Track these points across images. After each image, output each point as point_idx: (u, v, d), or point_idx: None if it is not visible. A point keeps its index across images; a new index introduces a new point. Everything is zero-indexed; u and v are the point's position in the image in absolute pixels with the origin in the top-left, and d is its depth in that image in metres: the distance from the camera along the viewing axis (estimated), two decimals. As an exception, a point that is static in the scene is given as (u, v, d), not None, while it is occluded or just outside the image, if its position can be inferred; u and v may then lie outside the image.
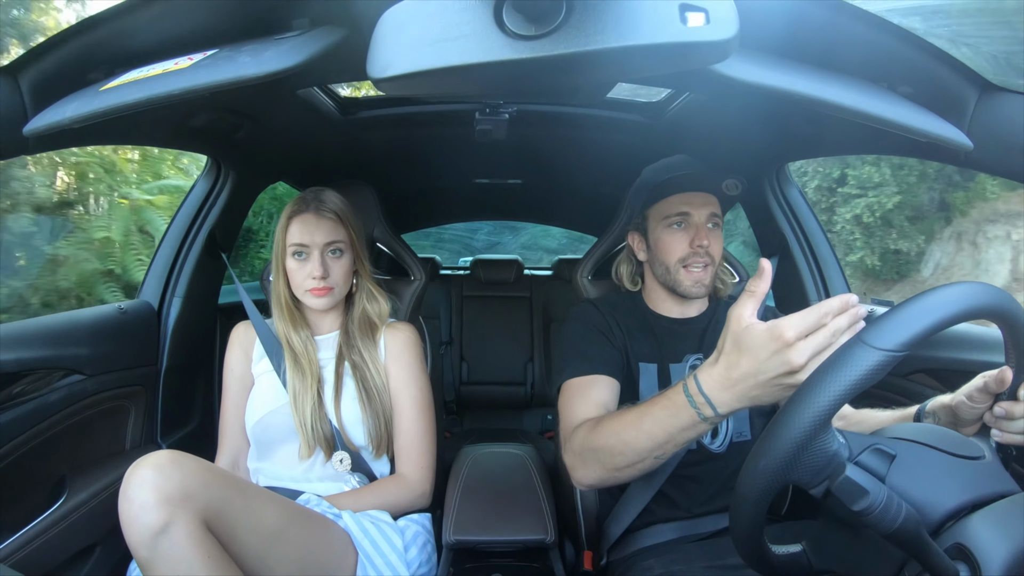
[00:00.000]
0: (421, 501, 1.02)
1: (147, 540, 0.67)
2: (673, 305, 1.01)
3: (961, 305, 0.46)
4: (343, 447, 1.00)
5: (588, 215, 2.48)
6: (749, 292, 0.61)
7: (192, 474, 0.72)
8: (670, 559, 0.86)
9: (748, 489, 0.48)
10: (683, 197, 0.95)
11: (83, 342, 1.01)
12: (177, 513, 0.67)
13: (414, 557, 0.93)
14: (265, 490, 0.83)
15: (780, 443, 0.46)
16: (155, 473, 0.69)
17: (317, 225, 1.00)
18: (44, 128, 0.58)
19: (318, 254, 1.00)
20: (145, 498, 0.67)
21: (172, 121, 0.97)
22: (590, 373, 0.90)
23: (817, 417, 0.45)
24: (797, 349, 0.54)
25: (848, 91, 0.54)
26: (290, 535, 0.79)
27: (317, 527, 0.84)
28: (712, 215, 0.95)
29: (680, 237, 0.94)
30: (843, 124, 0.80)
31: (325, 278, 0.99)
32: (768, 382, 0.57)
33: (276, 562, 0.76)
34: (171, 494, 0.68)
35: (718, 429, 0.94)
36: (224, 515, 0.72)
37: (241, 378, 1.08)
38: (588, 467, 0.77)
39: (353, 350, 1.04)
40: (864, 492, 0.42)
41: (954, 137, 0.57)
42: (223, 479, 0.76)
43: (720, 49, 0.41)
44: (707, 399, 0.62)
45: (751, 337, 0.58)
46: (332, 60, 0.55)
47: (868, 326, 0.47)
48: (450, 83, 0.43)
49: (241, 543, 0.74)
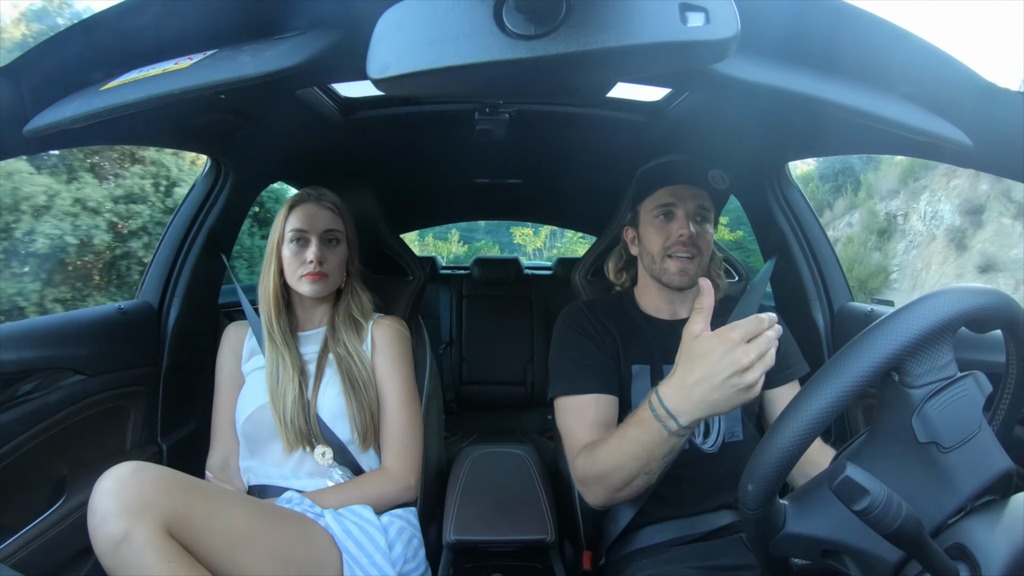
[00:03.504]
0: (406, 495, 1.02)
1: (109, 549, 0.69)
2: (664, 305, 1.01)
3: (961, 306, 0.46)
4: (326, 440, 1.00)
5: (588, 215, 2.48)
6: (697, 310, 0.67)
7: (152, 483, 0.73)
8: (662, 559, 0.88)
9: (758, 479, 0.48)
10: (671, 190, 0.96)
11: (83, 342, 1.01)
12: (136, 522, 0.69)
13: (399, 554, 0.93)
14: (234, 493, 0.85)
15: (785, 437, 0.46)
16: (115, 484, 0.72)
17: (317, 214, 1.04)
18: (44, 128, 0.58)
19: (316, 240, 1.03)
20: (107, 508, 0.70)
21: (172, 121, 0.97)
22: (583, 392, 0.91)
23: (819, 415, 0.45)
24: (744, 348, 0.61)
25: (848, 90, 0.54)
26: (262, 536, 0.80)
27: (293, 527, 0.85)
28: (700, 207, 0.95)
29: (665, 227, 0.95)
30: (843, 124, 0.80)
31: (322, 263, 1.02)
32: (722, 384, 0.62)
33: (248, 563, 0.77)
34: (131, 504, 0.70)
35: (710, 429, 0.94)
36: (187, 520, 0.74)
37: (231, 377, 1.09)
38: (594, 492, 0.83)
39: (338, 343, 1.05)
40: (864, 492, 0.42)
41: (954, 136, 0.57)
42: (186, 485, 0.78)
43: (720, 48, 0.41)
44: (668, 411, 0.66)
45: (701, 344, 0.64)
46: (332, 60, 0.55)
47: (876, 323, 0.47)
48: (450, 83, 0.43)
49: (208, 546, 0.75)
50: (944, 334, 0.46)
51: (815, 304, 1.26)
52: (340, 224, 1.07)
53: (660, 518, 0.94)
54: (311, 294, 1.03)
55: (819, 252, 1.28)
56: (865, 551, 0.47)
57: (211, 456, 1.06)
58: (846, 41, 0.55)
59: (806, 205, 1.31)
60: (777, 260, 1.26)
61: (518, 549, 0.95)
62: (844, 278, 1.28)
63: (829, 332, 1.24)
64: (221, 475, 1.04)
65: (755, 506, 0.48)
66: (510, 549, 0.95)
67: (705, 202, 0.95)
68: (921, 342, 0.45)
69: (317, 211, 1.04)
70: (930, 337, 0.46)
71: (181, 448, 1.19)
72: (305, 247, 1.03)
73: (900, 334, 0.45)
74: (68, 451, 0.98)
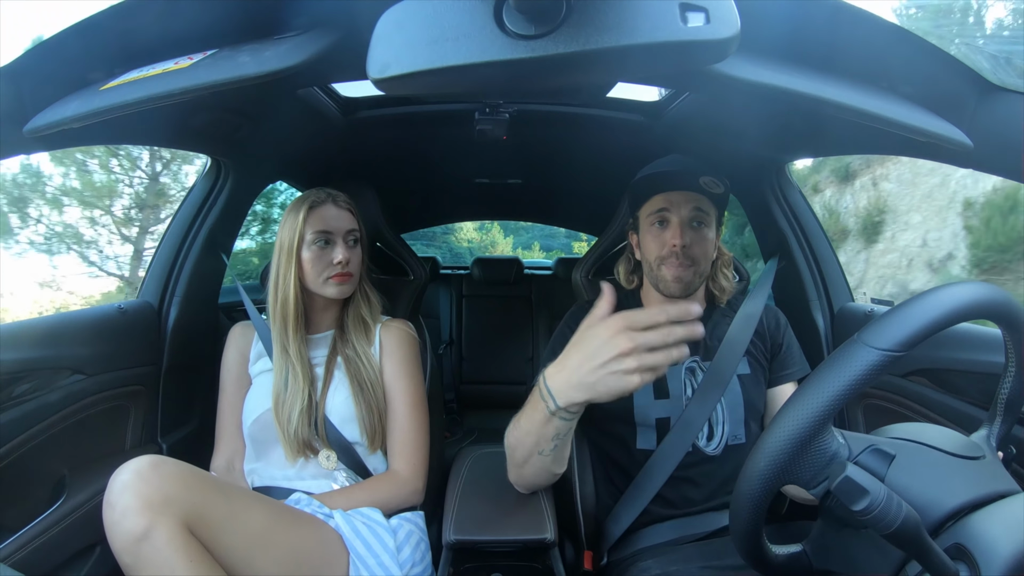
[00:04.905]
0: (414, 498, 1.02)
1: (129, 546, 0.67)
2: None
3: (960, 304, 0.46)
4: (334, 442, 0.99)
5: (588, 215, 2.49)
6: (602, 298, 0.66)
7: (173, 478, 0.72)
8: (668, 559, 0.87)
9: (748, 488, 0.48)
10: (666, 196, 0.95)
11: (83, 342, 1.01)
12: (158, 518, 0.68)
13: (407, 557, 0.93)
14: (250, 492, 0.83)
15: (780, 442, 0.46)
16: (136, 478, 0.70)
17: (338, 215, 1.04)
18: (44, 127, 0.58)
19: (342, 241, 1.03)
20: (127, 504, 0.68)
21: (172, 121, 0.97)
22: None
23: (817, 416, 0.45)
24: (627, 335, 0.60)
25: (848, 90, 0.54)
26: (277, 537, 0.79)
27: (306, 528, 0.84)
28: (696, 211, 0.94)
29: (660, 236, 0.95)
30: (843, 124, 0.80)
31: (349, 263, 1.02)
32: (600, 367, 0.61)
33: (263, 564, 0.76)
34: (152, 499, 0.68)
35: (713, 432, 0.94)
36: (207, 518, 0.72)
37: (238, 379, 1.08)
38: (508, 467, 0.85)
39: (347, 345, 1.05)
40: (864, 492, 0.42)
41: (954, 136, 0.57)
42: (205, 482, 0.76)
43: (720, 48, 0.41)
44: (548, 390, 0.67)
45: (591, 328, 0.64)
46: (332, 60, 0.55)
47: (867, 325, 0.47)
48: (450, 83, 0.43)
49: (225, 546, 0.74)
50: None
51: (815, 304, 1.26)
52: (357, 224, 1.07)
53: (663, 517, 0.94)
54: (338, 295, 1.03)
55: (819, 252, 1.28)
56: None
57: (215, 458, 1.06)
58: (846, 41, 0.55)
59: (806, 205, 1.31)
60: (777, 260, 1.26)
61: (518, 549, 0.94)
62: (844, 278, 1.28)
63: (829, 332, 1.24)
64: (226, 477, 1.04)
65: (746, 551, 0.50)
66: (510, 549, 0.95)
67: (702, 205, 0.94)
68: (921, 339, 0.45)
69: (338, 212, 1.03)
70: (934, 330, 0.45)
71: (181, 448, 1.19)
72: (330, 249, 1.02)
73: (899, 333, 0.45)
74: (68, 451, 0.98)
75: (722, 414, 0.95)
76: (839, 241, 6.99)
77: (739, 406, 0.96)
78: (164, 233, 1.26)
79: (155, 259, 1.23)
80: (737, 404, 0.96)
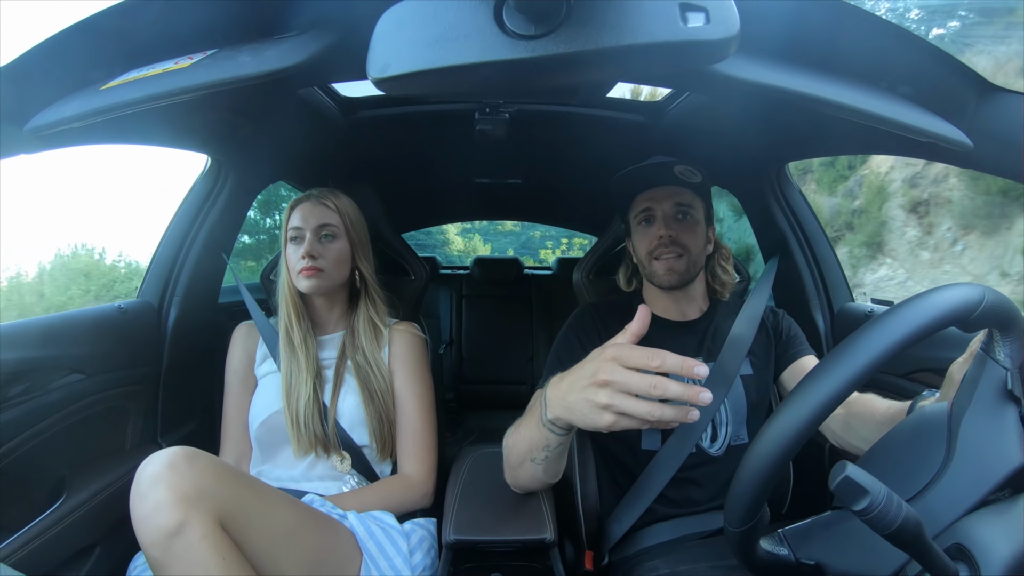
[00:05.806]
0: (424, 501, 1.02)
1: (161, 540, 0.64)
2: (672, 305, 1.01)
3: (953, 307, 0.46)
4: (345, 446, 0.99)
5: (588, 215, 2.48)
6: (626, 329, 0.59)
7: (207, 472, 0.70)
8: (675, 559, 0.86)
9: (745, 486, 0.48)
10: (647, 195, 0.97)
11: (83, 342, 1.01)
12: (192, 513, 0.65)
13: (419, 561, 0.93)
14: (277, 491, 0.82)
15: (777, 439, 0.46)
16: (170, 471, 0.67)
17: (311, 210, 1.04)
18: (44, 127, 0.58)
19: (310, 235, 1.03)
20: (160, 497, 0.65)
21: (172, 121, 0.97)
22: None
23: (814, 414, 0.45)
24: (610, 365, 0.53)
25: (848, 90, 0.54)
26: (301, 536, 0.78)
27: (327, 529, 0.84)
28: (678, 205, 0.95)
29: (647, 232, 0.97)
30: (843, 124, 0.80)
31: (315, 258, 1.01)
32: (580, 390, 0.56)
33: (287, 563, 0.75)
34: (186, 493, 0.66)
35: (717, 433, 0.94)
36: (238, 515, 0.70)
37: (244, 380, 1.08)
38: (504, 466, 0.85)
39: (357, 351, 1.05)
40: (864, 492, 0.42)
41: (954, 137, 0.57)
42: (237, 478, 0.74)
43: (720, 48, 0.41)
44: (545, 399, 0.65)
45: (596, 349, 0.58)
46: (332, 60, 0.55)
47: (869, 322, 0.47)
48: (450, 83, 0.43)
49: (254, 544, 0.72)
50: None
51: (815, 304, 1.26)
52: (336, 219, 1.05)
53: (665, 517, 0.94)
54: (307, 290, 1.02)
55: (819, 252, 1.28)
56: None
57: (222, 459, 1.06)
58: (846, 41, 0.55)
59: (806, 205, 1.31)
60: (777, 260, 1.26)
61: (518, 549, 0.94)
62: (844, 278, 1.28)
63: (829, 332, 1.24)
64: None
65: (738, 524, 0.49)
66: (510, 549, 0.95)
67: (683, 198, 0.96)
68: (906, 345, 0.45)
69: (312, 208, 1.04)
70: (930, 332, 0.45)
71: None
72: (300, 244, 1.03)
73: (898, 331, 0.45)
74: (68, 451, 0.98)
75: (725, 415, 0.95)
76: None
77: (742, 407, 0.96)
78: (164, 233, 1.26)
79: (155, 259, 1.23)
80: (740, 405, 0.96)
